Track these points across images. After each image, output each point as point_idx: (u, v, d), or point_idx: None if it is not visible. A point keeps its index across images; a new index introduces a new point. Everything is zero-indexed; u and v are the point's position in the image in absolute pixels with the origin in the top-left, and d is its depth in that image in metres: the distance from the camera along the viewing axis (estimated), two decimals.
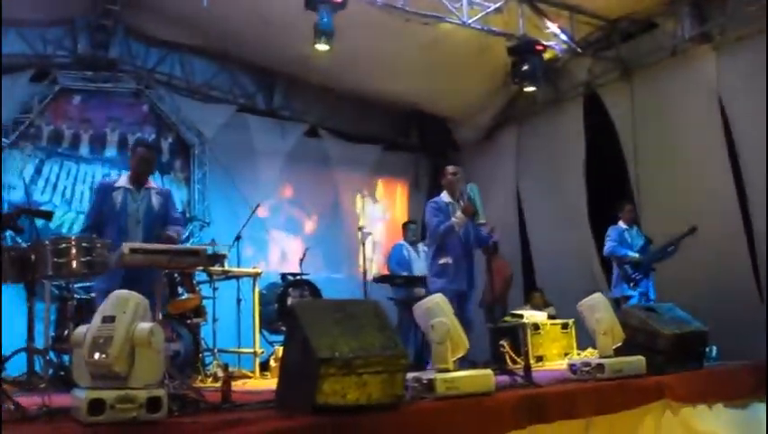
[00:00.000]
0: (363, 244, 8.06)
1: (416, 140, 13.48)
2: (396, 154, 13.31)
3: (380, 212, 13.14)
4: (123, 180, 5.60)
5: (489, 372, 4.40)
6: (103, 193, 5.55)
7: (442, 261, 6.53)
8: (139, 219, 5.38)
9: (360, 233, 8.01)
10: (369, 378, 3.55)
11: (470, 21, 9.16)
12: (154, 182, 5.83)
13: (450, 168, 6.85)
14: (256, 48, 10.91)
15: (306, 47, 8.75)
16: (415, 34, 9.42)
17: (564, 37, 9.90)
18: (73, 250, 4.49)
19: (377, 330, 3.70)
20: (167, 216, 5.59)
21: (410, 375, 4.14)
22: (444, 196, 6.71)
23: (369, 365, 3.54)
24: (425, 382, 4.10)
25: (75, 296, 6.79)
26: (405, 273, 8.58)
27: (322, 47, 8.53)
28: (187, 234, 10.23)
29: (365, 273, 7.98)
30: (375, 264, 10.70)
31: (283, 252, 11.69)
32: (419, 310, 4.43)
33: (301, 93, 12.12)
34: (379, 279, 8.32)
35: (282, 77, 11.88)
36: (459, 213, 6.37)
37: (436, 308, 4.35)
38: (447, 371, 4.18)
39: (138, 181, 5.58)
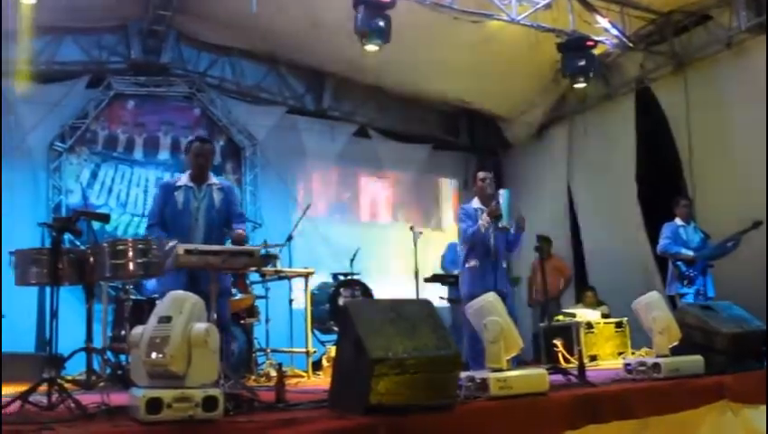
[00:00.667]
0: (415, 244, 8.04)
1: (466, 139, 13.42)
2: (445, 153, 13.27)
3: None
4: (184, 179, 5.56)
5: (543, 371, 4.36)
6: (164, 192, 5.53)
7: (469, 265, 6.54)
8: (199, 217, 5.34)
9: (412, 234, 8.01)
10: (423, 378, 3.53)
11: (519, 18, 9.09)
12: (214, 177, 5.78)
13: (480, 174, 6.80)
14: (305, 49, 10.99)
15: (355, 48, 8.77)
16: (463, 33, 9.38)
17: (615, 32, 9.75)
18: (130, 252, 4.56)
19: (430, 330, 3.68)
20: (229, 212, 5.52)
21: (463, 375, 4.12)
22: (475, 202, 6.69)
23: (422, 365, 3.52)
24: (478, 381, 4.07)
25: (131, 297, 6.92)
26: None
27: (371, 47, 8.54)
28: None
29: (417, 273, 7.97)
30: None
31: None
32: (472, 309, 4.40)
33: (350, 93, 12.17)
34: (431, 279, 8.30)
35: (331, 78, 11.94)
36: (484, 215, 6.37)
37: (489, 307, 4.32)
38: (501, 370, 4.14)
39: (198, 178, 5.54)
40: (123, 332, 6.73)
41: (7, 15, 8.51)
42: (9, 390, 4.34)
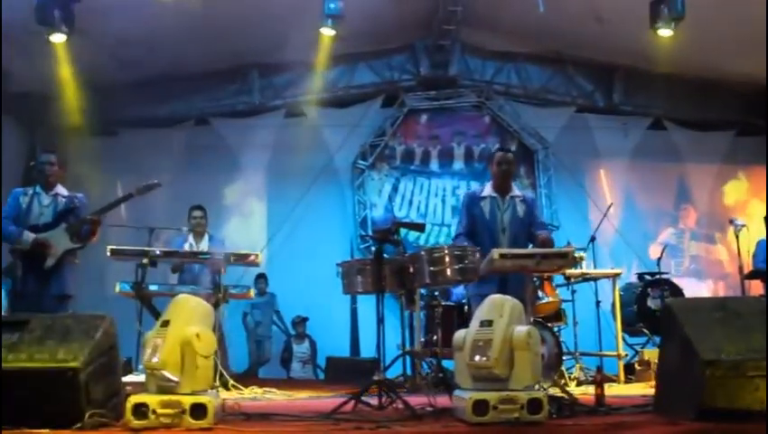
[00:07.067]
0: (737, 237, 7.43)
1: None
2: (751, 139, 12.18)
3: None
4: (488, 189, 5.69)
5: None
6: (470, 202, 5.69)
7: None
8: (505, 227, 5.40)
9: (732, 226, 7.43)
10: (762, 382, 3.26)
11: None
12: (517, 189, 5.85)
13: None
14: (591, 45, 10.74)
15: (645, 36, 8.39)
16: None
17: None
18: (447, 259, 4.70)
19: (766, 329, 3.39)
20: (532, 222, 5.53)
21: None
22: None
23: (761, 368, 3.25)
24: None
25: (442, 303, 7.16)
26: None
27: (665, 32, 8.13)
28: None
29: (741, 269, 7.38)
30: None
31: None
32: None
33: (642, 85, 11.66)
34: (749, 276, 7.63)
35: (620, 71, 11.57)
36: None
37: None
38: None
39: (501, 187, 5.60)
40: (435, 336, 6.99)
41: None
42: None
